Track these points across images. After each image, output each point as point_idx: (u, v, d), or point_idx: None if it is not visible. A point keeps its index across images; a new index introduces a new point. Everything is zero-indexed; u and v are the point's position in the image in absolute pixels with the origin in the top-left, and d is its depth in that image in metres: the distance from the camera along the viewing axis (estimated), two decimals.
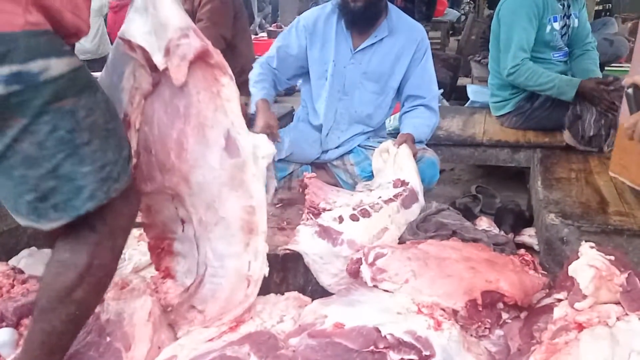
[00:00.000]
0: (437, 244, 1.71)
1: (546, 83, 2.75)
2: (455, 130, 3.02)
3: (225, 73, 1.39)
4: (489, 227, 2.12)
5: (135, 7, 1.34)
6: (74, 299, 1.20)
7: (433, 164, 2.29)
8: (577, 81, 2.72)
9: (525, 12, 2.78)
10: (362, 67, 2.34)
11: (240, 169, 1.40)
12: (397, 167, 2.08)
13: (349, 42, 2.34)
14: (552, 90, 2.76)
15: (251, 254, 1.46)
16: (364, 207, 1.84)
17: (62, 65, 1.08)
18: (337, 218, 1.79)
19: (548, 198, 2.00)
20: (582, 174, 2.26)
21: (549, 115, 2.84)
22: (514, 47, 2.78)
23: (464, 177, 3.39)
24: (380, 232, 1.79)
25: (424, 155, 2.27)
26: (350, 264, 1.65)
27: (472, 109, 3.58)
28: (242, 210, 1.42)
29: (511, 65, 2.79)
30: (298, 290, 1.67)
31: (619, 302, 1.39)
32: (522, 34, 2.77)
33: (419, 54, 2.36)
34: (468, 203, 2.64)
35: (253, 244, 1.46)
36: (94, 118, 1.15)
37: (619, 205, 1.94)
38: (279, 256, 1.68)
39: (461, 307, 1.44)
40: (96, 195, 1.15)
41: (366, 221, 1.79)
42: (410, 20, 2.43)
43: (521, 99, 2.95)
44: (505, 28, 2.84)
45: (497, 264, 1.62)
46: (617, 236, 1.77)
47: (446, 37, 8.87)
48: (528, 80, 2.79)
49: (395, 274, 1.55)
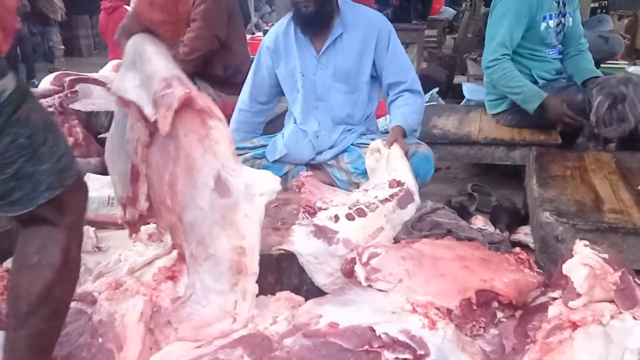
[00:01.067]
0: (431, 243, 1.70)
1: (515, 87, 2.78)
2: (450, 128, 3.02)
3: (213, 116, 1.42)
4: (484, 226, 2.11)
5: (125, 64, 1.42)
6: (55, 297, 1.22)
7: (427, 159, 2.29)
8: (543, 94, 2.75)
9: (516, 10, 2.78)
10: (330, 69, 2.36)
11: (232, 209, 1.41)
12: (390, 168, 2.08)
13: (311, 49, 2.38)
14: (518, 96, 2.79)
15: (239, 294, 1.46)
16: (360, 206, 1.84)
17: (11, 81, 1.13)
18: (332, 217, 1.79)
19: (543, 196, 2.00)
20: (577, 172, 2.26)
21: (542, 114, 2.84)
22: (495, 41, 2.79)
23: (460, 176, 3.39)
24: (376, 232, 1.79)
25: (418, 150, 2.27)
26: (344, 264, 1.64)
27: (468, 107, 3.57)
28: (232, 251, 1.43)
29: (490, 59, 2.81)
30: (292, 290, 1.67)
31: (613, 301, 1.39)
32: (507, 29, 2.78)
33: (383, 42, 2.36)
34: (464, 201, 2.64)
35: (241, 284, 1.46)
36: (41, 115, 1.20)
37: (614, 203, 1.94)
38: (273, 256, 1.68)
39: (455, 306, 1.44)
40: (53, 186, 1.18)
41: (362, 220, 1.79)
42: (367, 11, 2.44)
43: None
44: (493, 21, 2.86)
45: (492, 263, 1.62)
46: (612, 234, 1.77)
47: (442, 35, 8.86)
48: (500, 79, 2.81)
49: (390, 274, 1.55)
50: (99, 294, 1.56)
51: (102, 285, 1.61)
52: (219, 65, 3.20)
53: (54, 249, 1.21)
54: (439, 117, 3.26)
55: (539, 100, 2.73)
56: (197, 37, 3.07)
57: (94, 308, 1.49)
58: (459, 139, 2.89)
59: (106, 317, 1.46)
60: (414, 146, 2.31)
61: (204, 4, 3.04)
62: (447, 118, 3.23)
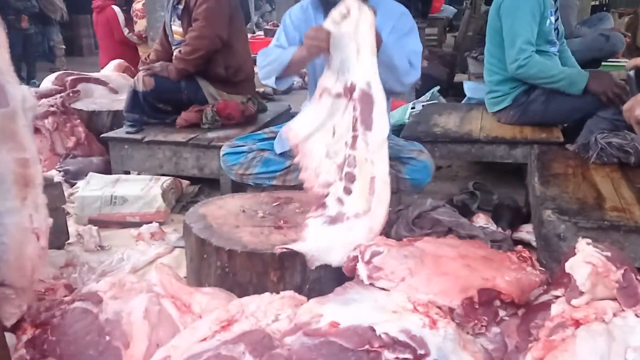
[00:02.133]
0: (433, 242, 1.70)
1: (557, 74, 2.79)
2: (452, 127, 3.02)
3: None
4: (486, 224, 2.12)
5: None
6: None
7: (425, 168, 2.26)
8: (586, 73, 2.76)
9: (529, 8, 2.79)
10: None
11: (11, 119, 1.33)
12: (354, 45, 1.85)
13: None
14: (562, 82, 2.78)
15: (31, 207, 1.39)
16: (346, 170, 1.82)
17: None
18: (337, 200, 1.79)
19: (545, 194, 2.00)
20: (579, 170, 2.26)
21: (545, 109, 2.85)
22: (520, 41, 2.79)
23: (462, 174, 3.39)
24: (372, 182, 1.77)
25: (417, 157, 2.25)
26: (346, 262, 1.65)
27: (469, 105, 3.57)
28: (15, 163, 1.35)
29: (521, 58, 2.79)
30: (295, 289, 1.67)
31: (616, 299, 1.39)
32: (527, 27, 2.79)
33: (400, 27, 2.23)
34: (465, 200, 2.64)
35: (31, 197, 1.39)
36: None
37: (616, 201, 1.94)
38: (276, 255, 1.68)
39: (457, 305, 1.44)
40: None
41: (356, 184, 1.78)
42: (393, 2, 2.33)
43: (520, 92, 2.95)
44: (509, 22, 2.85)
45: (494, 261, 1.62)
46: (614, 232, 1.77)
47: (443, 33, 8.86)
48: (540, 73, 2.80)
49: (392, 272, 1.55)
50: (104, 293, 1.56)
51: (107, 284, 1.61)
52: (221, 65, 3.21)
53: None
54: (440, 115, 3.27)
55: (585, 78, 2.73)
56: (199, 36, 3.08)
57: (100, 307, 1.50)
58: (460, 138, 2.89)
59: (112, 316, 1.47)
60: (415, 152, 2.30)
61: (205, 3, 3.05)
62: (448, 116, 3.23)
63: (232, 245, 1.71)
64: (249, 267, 1.69)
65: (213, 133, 3.05)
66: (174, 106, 3.24)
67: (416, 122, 3.19)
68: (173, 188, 2.73)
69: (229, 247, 1.71)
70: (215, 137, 2.96)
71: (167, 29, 3.42)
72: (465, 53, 5.48)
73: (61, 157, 3.31)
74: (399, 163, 2.26)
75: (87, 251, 2.29)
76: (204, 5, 3.05)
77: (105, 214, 2.57)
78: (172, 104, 3.23)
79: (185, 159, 2.98)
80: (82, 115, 3.51)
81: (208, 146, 2.92)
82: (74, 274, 1.99)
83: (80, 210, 2.59)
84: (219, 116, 3.15)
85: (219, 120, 3.15)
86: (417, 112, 3.55)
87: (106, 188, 2.64)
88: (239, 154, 2.46)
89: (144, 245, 2.30)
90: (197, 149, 2.95)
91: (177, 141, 2.98)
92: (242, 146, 2.47)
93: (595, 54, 3.70)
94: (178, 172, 3.00)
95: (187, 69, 3.14)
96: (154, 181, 2.71)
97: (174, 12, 3.29)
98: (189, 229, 1.83)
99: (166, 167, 3.03)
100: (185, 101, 3.23)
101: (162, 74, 3.13)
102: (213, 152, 2.87)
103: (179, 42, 3.28)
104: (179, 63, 3.13)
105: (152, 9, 4.72)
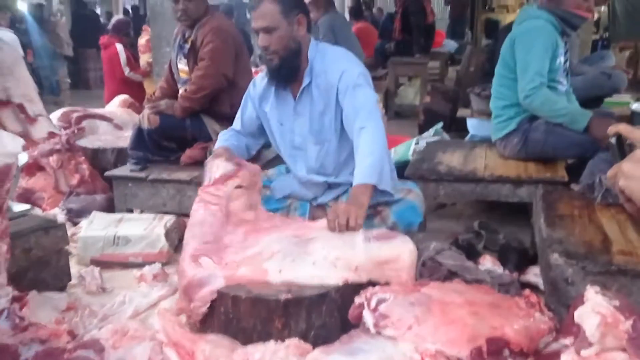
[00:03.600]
0: (439, 287, 1.69)
1: (561, 109, 2.82)
2: (456, 165, 3.02)
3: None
4: (493, 266, 2.10)
5: None
6: None
7: (413, 209, 2.23)
8: (589, 113, 2.79)
9: (543, 41, 2.85)
10: (306, 118, 2.29)
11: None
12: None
13: (289, 98, 2.32)
14: (565, 117, 2.81)
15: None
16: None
17: None
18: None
19: (551, 237, 1.98)
20: (584, 211, 2.24)
21: (545, 140, 2.89)
22: (531, 70, 2.83)
23: (466, 212, 3.38)
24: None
25: (405, 197, 2.24)
26: (352, 309, 1.63)
27: (473, 142, 3.58)
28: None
29: (529, 88, 2.83)
30: (300, 336, 1.65)
31: (625, 349, 1.36)
32: (539, 59, 2.84)
33: (343, 89, 2.18)
34: (471, 239, 2.62)
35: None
36: None
37: (623, 244, 1.92)
38: (281, 301, 1.66)
39: (466, 355, 1.42)
40: None
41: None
42: (331, 61, 2.25)
43: (524, 118, 2.99)
44: (523, 55, 2.90)
45: (502, 308, 1.60)
46: (621, 276, 1.75)
47: (445, 67, 8.96)
48: (543, 105, 2.83)
49: (398, 320, 1.53)
50: (106, 341, 1.54)
51: (109, 332, 1.59)
52: (226, 102, 3.23)
53: None
54: (444, 153, 3.27)
55: (586, 119, 2.76)
56: (205, 75, 3.11)
57: (102, 356, 1.48)
58: (464, 176, 2.88)
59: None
60: (404, 192, 2.29)
61: (212, 43, 3.09)
62: (452, 154, 3.23)
63: (237, 290, 1.70)
64: (254, 314, 1.67)
65: None
66: (179, 143, 3.25)
67: (420, 160, 3.19)
68: (176, 227, 2.72)
69: (233, 292, 1.69)
70: None
71: (173, 67, 3.46)
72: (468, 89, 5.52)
73: (64, 194, 3.31)
74: (386, 207, 2.24)
75: (88, 293, 2.27)
76: (210, 45, 3.09)
77: (108, 254, 2.56)
78: (177, 142, 3.25)
79: (189, 197, 2.98)
80: (87, 152, 3.53)
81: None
82: (76, 317, 1.96)
83: (82, 250, 2.58)
84: None
85: None
86: (421, 149, 3.56)
87: (109, 228, 2.63)
88: None
89: (146, 287, 2.28)
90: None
91: (181, 179, 2.98)
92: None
93: (597, 92, 3.72)
94: (181, 210, 2.99)
95: (192, 107, 3.17)
96: (157, 220, 2.71)
97: (180, 51, 3.33)
98: None
99: (169, 205, 3.02)
100: (190, 139, 3.24)
101: (167, 111, 3.16)
102: None
103: (185, 81, 3.31)
104: (184, 101, 3.16)
105: (158, 45, 4.78)
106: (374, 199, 2.09)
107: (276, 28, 2.15)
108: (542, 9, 2.97)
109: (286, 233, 1.93)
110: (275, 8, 2.15)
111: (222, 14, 6.47)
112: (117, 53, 5.55)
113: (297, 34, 2.21)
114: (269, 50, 2.18)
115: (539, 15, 2.94)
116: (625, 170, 1.21)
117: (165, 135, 3.19)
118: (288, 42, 2.18)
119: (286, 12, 2.16)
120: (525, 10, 3.18)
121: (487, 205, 3.36)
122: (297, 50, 2.21)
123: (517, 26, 3.04)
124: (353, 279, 1.73)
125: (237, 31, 3.42)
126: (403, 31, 7.28)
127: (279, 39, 2.16)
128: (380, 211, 2.25)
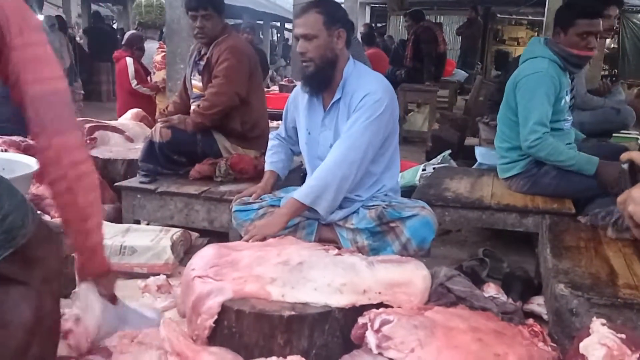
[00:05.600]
0: (443, 312, 1.69)
1: (567, 160, 2.83)
2: (463, 192, 3.03)
3: None
4: (497, 294, 2.09)
5: None
6: (34, 356, 1.17)
7: (427, 224, 2.27)
8: (595, 160, 2.79)
9: (544, 91, 2.85)
10: (332, 131, 2.36)
11: None
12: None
13: (320, 109, 2.40)
14: (572, 167, 2.83)
15: None
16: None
17: None
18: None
19: (557, 267, 1.98)
20: (591, 243, 2.25)
21: (557, 184, 2.86)
22: (532, 121, 2.83)
23: (471, 239, 3.37)
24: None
25: (420, 213, 2.26)
26: (355, 329, 1.63)
27: (480, 170, 3.59)
28: None
29: (532, 139, 2.83)
30: (301, 353, 1.65)
31: None
32: (540, 109, 2.84)
33: (355, 110, 2.26)
34: (475, 266, 2.61)
35: None
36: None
37: (629, 278, 1.92)
38: (284, 318, 1.66)
39: None
40: (3, 246, 1.13)
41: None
42: (364, 83, 2.30)
43: (530, 162, 2.98)
44: (524, 102, 2.90)
45: (506, 336, 1.60)
46: (627, 310, 1.75)
47: (454, 96, 9.04)
48: (549, 156, 2.85)
49: (401, 342, 1.53)
50: (114, 348, 1.55)
51: (115, 339, 1.59)
52: (237, 120, 3.27)
53: (24, 308, 1.16)
54: (451, 179, 3.29)
55: (594, 166, 2.77)
56: (218, 92, 3.15)
57: None
58: (471, 203, 2.89)
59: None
60: (417, 208, 2.31)
61: (227, 61, 3.14)
62: (460, 181, 3.25)
63: (241, 305, 1.70)
64: (256, 329, 1.68)
65: (225, 186, 3.08)
66: (189, 158, 3.28)
67: (427, 185, 3.21)
68: (182, 240, 2.73)
69: (237, 306, 1.70)
70: (227, 191, 2.99)
71: (187, 82, 3.51)
72: (477, 118, 5.57)
73: None
74: (400, 223, 2.27)
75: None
76: (225, 64, 3.13)
77: (113, 263, 2.56)
78: (187, 156, 3.28)
79: (196, 211, 3.00)
80: (97, 162, 3.56)
81: (220, 199, 2.94)
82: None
83: None
84: (232, 170, 3.18)
85: (232, 174, 3.18)
86: (429, 175, 3.58)
87: (116, 237, 2.64)
88: (249, 210, 2.48)
89: (149, 298, 2.28)
90: (208, 201, 2.97)
91: (190, 193, 3.00)
92: (252, 203, 2.50)
93: (606, 127, 3.75)
94: (188, 223, 3.01)
95: (204, 123, 3.20)
96: (164, 232, 2.72)
97: (195, 67, 3.38)
98: None
99: (177, 218, 3.04)
100: (200, 154, 3.27)
101: (179, 126, 3.20)
102: (224, 206, 2.89)
103: (198, 96, 3.35)
104: (196, 117, 3.20)
105: (172, 61, 4.85)
106: (389, 215, 2.27)
107: (316, 37, 2.24)
108: (547, 46, 2.96)
109: (272, 261, 1.91)
110: (319, 18, 2.24)
111: (242, 32, 6.58)
112: (125, 66, 5.65)
113: (335, 46, 2.28)
114: (306, 57, 2.26)
115: (544, 54, 2.93)
116: (636, 197, 1.22)
117: (176, 149, 3.22)
118: (325, 51, 2.26)
119: (328, 24, 2.24)
120: (532, 45, 3.13)
121: (492, 233, 3.36)
122: (332, 61, 2.29)
123: (521, 65, 3.04)
124: (362, 302, 1.73)
125: (253, 51, 3.48)
126: (414, 59, 7.36)
127: (316, 47, 2.24)
128: (394, 227, 2.27)
